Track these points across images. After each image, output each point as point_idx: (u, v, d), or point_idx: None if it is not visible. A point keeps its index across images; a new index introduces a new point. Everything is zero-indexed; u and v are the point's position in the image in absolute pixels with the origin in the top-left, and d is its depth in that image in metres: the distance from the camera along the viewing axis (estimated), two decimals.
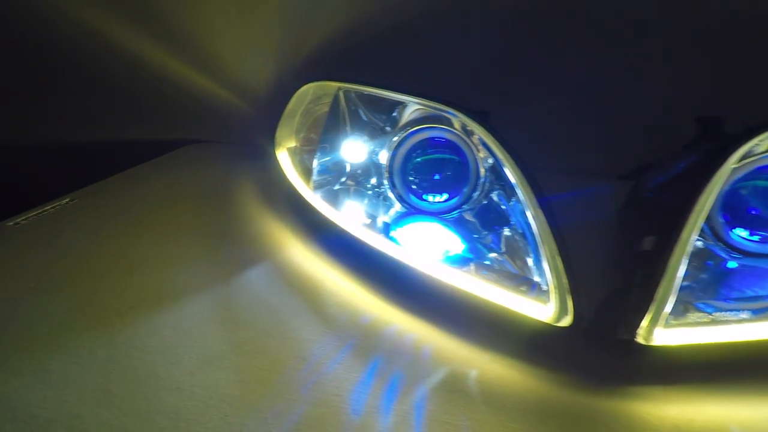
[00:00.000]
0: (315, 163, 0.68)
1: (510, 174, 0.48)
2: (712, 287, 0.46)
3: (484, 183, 0.56)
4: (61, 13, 0.89)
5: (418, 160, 0.60)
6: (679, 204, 0.41)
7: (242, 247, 0.63)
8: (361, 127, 0.66)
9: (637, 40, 0.53)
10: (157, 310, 0.51)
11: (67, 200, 0.77)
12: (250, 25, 0.89)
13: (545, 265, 0.42)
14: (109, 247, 0.64)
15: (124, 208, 0.75)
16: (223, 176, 0.83)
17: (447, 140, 0.59)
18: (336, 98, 0.68)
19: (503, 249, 0.51)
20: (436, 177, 0.61)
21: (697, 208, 0.40)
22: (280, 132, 0.75)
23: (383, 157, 0.62)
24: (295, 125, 0.76)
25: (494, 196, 0.56)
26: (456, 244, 0.55)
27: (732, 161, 0.43)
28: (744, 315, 0.40)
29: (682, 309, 0.42)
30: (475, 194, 0.57)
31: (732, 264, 0.48)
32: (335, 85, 0.68)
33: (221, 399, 0.40)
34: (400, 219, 0.61)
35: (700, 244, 0.49)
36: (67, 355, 0.45)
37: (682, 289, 0.44)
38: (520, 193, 0.46)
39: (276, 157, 0.74)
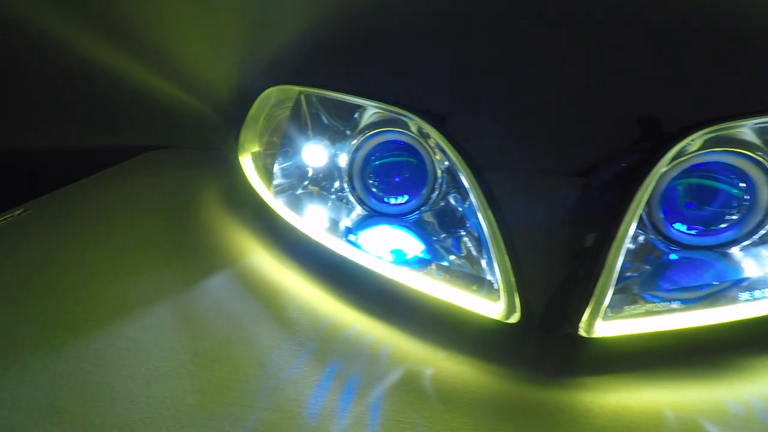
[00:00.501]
0: (276, 168, 0.68)
1: (462, 175, 0.49)
2: (654, 279, 0.48)
3: (441, 184, 0.57)
4: (14, 16, 0.86)
5: (377, 162, 0.61)
6: (617, 201, 0.43)
7: (204, 254, 0.63)
8: (322, 130, 0.66)
9: (580, 48, 0.55)
10: (114, 321, 0.50)
11: (20, 211, 0.74)
12: (213, 29, 0.88)
13: (495, 264, 0.44)
14: (65, 259, 0.62)
15: (81, 218, 0.73)
16: (185, 182, 0.82)
17: (405, 143, 0.60)
18: (297, 102, 0.68)
19: (460, 249, 0.53)
20: (396, 179, 0.62)
21: (633, 205, 0.42)
22: (244, 136, 0.75)
23: (343, 160, 0.62)
24: (259, 129, 0.75)
25: (451, 198, 0.57)
26: (415, 245, 0.56)
27: (665, 160, 0.45)
28: (675, 305, 0.42)
29: (629, 300, 0.44)
30: (434, 196, 0.58)
31: (672, 256, 0.51)
32: (297, 89, 0.68)
33: (178, 410, 0.40)
34: (362, 222, 0.62)
35: (642, 238, 0.52)
36: (18, 372, 0.44)
37: (626, 281, 0.47)
38: (471, 194, 0.48)
39: (239, 162, 0.73)
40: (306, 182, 0.68)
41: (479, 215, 0.46)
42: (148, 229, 0.69)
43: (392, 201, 0.61)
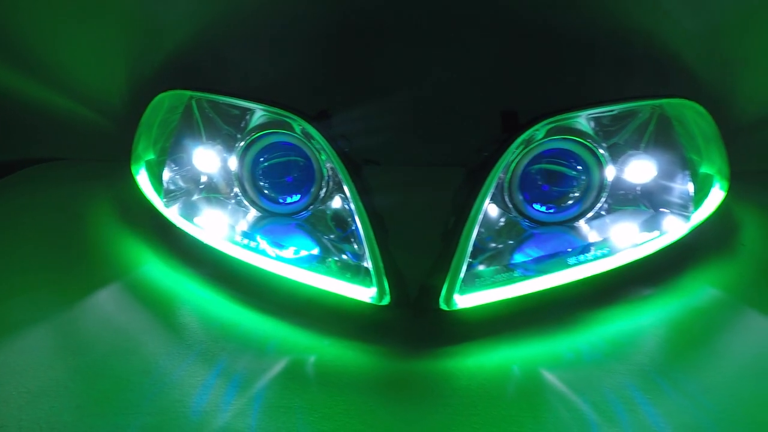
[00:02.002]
0: (170, 175, 0.67)
1: (338, 170, 0.52)
2: (514, 253, 0.54)
3: (328, 182, 0.60)
4: None
5: (266, 164, 0.63)
6: (470, 186, 0.48)
7: (92, 270, 0.61)
8: (214, 135, 0.67)
9: (442, 47, 0.60)
10: None
11: None
12: (100, 34, 0.83)
13: (367, 253, 0.48)
14: None
15: None
16: (74, 196, 0.78)
17: (292, 144, 0.62)
18: (188, 107, 0.67)
19: (345, 242, 0.56)
20: (287, 179, 0.64)
21: (483, 189, 0.48)
22: (137, 145, 0.73)
23: (233, 163, 0.63)
24: (153, 137, 0.73)
25: (339, 195, 0.60)
26: (307, 242, 0.58)
27: (512, 148, 0.51)
28: (527, 273, 0.49)
29: (487, 273, 0.50)
30: (322, 193, 0.61)
31: (532, 232, 0.58)
32: (188, 93, 0.67)
33: (53, 428, 0.39)
34: (257, 223, 0.63)
35: (505, 219, 0.58)
36: None
37: (489, 256, 0.53)
38: (346, 187, 0.51)
39: (133, 171, 0.71)
40: (201, 188, 0.68)
41: (353, 206, 0.50)
42: (29, 249, 0.65)
43: (285, 201, 0.63)
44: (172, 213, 0.65)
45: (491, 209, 0.57)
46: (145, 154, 0.72)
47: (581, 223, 0.58)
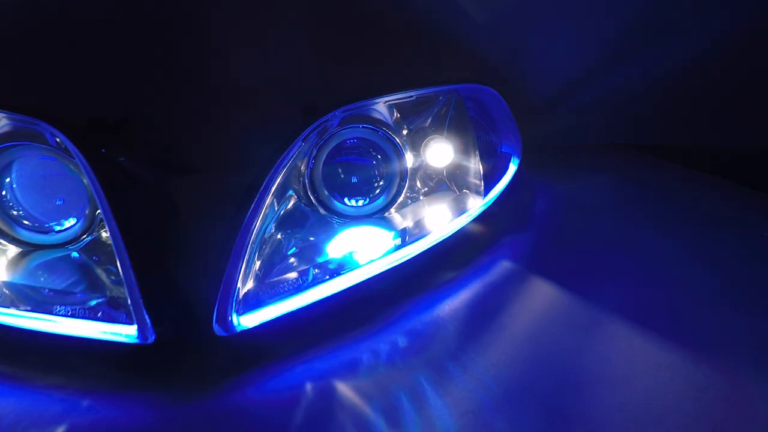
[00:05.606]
0: None
1: (92, 187, 0.43)
2: (322, 253, 0.50)
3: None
4: None
5: (15, 185, 0.50)
6: (247, 190, 0.43)
7: None
8: None
9: (228, 42, 0.54)
10: None
11: None
12: None
13: (125, 285, 0.39)
14: None
15: None
16: None
17: (54, 158, 0.50)
18: None
19: (114, 279, 0.46)
20: (58, 201, 0.52)
21: (262, 188, 0.43)
22: None
23: None
24: None
25: None
26: (78, 281, 0.47)
27: (300, 138, 0.47)
28: (321, 275, 0.45)
29: (304, 276, 0.45)
30: (98, 215, 0.50)
31: (342, 228, 0.54)
32: None
33: None
34: (15, 264, 0.50)
35: (310, 218, 0.54)
36: None
37: (288, 262, 0.48)
38: (101, 209, 0.42)
39: None
40: None
41: (108, 234, 0.41)
42: None
43: (62, 226, 0.51)
44: None
45: (295, 208, 0.53)
46: None
47: (392, 212, 0.57)
